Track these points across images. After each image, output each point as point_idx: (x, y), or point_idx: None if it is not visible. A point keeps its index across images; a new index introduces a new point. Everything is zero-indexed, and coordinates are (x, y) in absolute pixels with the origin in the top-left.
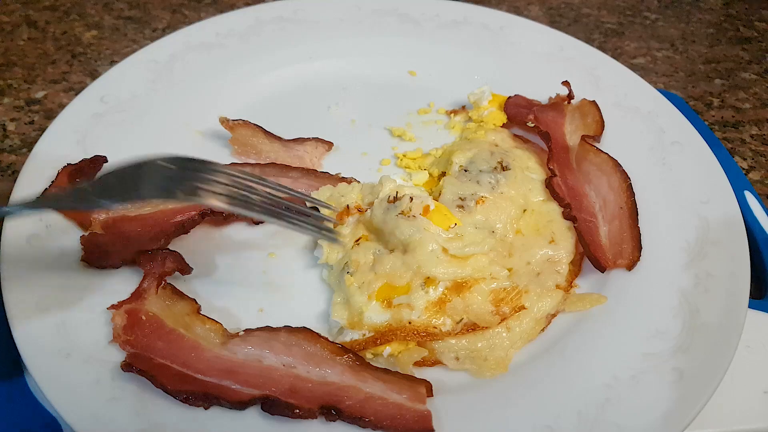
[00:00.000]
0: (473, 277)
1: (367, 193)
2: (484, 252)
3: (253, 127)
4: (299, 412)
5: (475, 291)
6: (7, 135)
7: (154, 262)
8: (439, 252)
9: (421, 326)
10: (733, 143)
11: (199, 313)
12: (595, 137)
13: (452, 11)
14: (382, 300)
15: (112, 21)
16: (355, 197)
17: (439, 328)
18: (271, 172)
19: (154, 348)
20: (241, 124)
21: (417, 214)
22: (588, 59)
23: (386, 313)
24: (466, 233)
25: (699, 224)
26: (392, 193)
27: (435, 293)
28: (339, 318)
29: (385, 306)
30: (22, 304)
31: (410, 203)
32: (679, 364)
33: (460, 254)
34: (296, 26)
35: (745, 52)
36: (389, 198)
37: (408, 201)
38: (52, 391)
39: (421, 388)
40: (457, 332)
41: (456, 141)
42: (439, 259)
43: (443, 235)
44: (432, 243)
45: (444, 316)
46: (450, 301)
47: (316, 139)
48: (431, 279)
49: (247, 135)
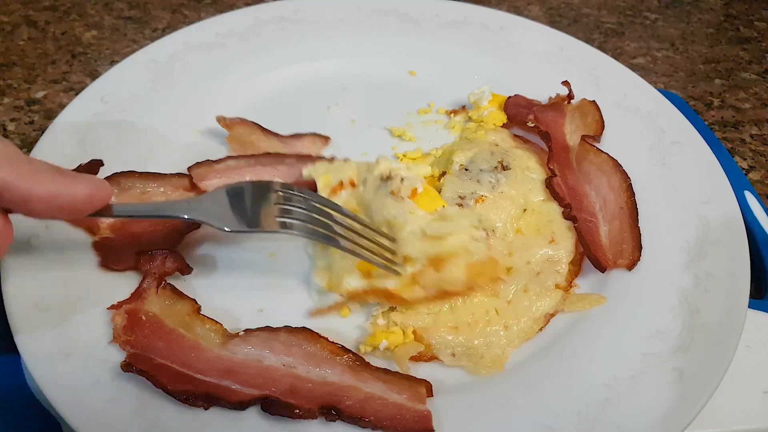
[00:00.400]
0: (448, 253)
1: (362, 171)
2: (464, 231)
3: (251, 125)
4: (299, 413)
5: (451, 264)
6: (7, 135)
7: (154, 262)
8: (419, 234)
9: (395, 292)
10: (733, 143)
11: (199, 313)
12: (595, 137)
13: (452, 11)
14: (362, 270)
15: (112, 21)
16: (350, 174)
17: (411, 296)
18: (266, 161)
19: (154, 348)
20: (238, 122)
21: (405, 196)
22: (588, 59)
23: (364, 281)
24: (449, 214)
25: (699, 224)
26: (385, 172)
27: (412, 269)
28: (319, 280)
29: (365, 275)
30: (22, 304)
31: (400, 184)
32: (679, 364)
33: (439, 234)
34: (296, 26)
35: (745, 52)
36: (382, 176)
37: (399, 182)
38: (52, 391)
39: (421, 388)
40: (429, 299)
41: (456, 141)
42: (418, 240)
43: (426, 218)
44: (413, 225)
45: (418, 286)
46: (426, 273)
47: (314, 134)
48: (409, 257)
49: (245, 133)
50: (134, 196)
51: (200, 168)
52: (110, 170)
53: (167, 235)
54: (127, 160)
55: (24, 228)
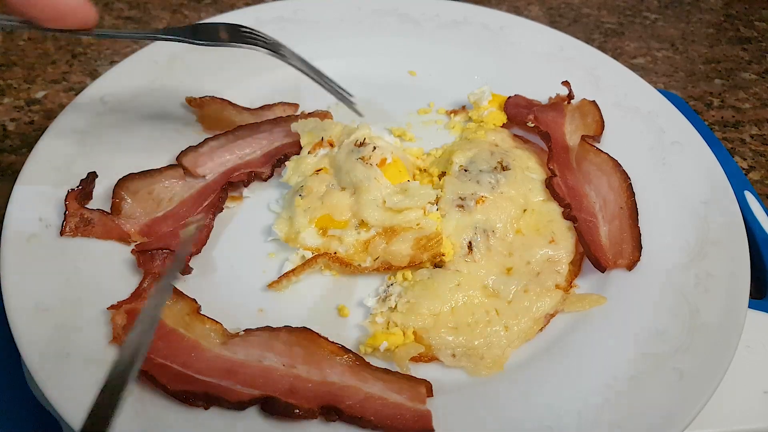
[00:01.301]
0: (401, 226)
1: (345, 134)
2: (419, 207)
3: (221, 101)
4: (299, 413)
5: (401, 237)
6: (7, 135)
7: (154, 262)
8: (380, 201)
9: (345, 258)
10: (733, 143)
11: (199, 312)
12: (595, 137)
13: (452, 11)
14: (319, 227)
15: (112, 21)
16: (332, 133)
17: (359, 264)
18: (244, 134)
19: (154, 348)
20: (208, 100)
21: (374, 164)
22: (588, 59)
23: (319, 239)
24: (411, 189)
25: (699, 224)
26: (360, 138)
27: (366, 235)
28: (278, 230)
29: (321, 233)
30: (22, 304)
31: (372, 152)
32: (679, 364)
33: (395, 207)
34: (296, 26)
35: (745, 52)
36: (356, 142)
37: (371, 149)
38: (52, 391)
39: (421, 387)
40: (374, 269)
41: (456, 141)
42: (377, 208)
43: (389, 189)
44: (376, 192)
45: (367, 254)
46: (375, 242)
47: (282, 102)
48: (365, 223)
49: (217, 110)
50: (145, 199)
51: (187, 156)
52: (111, 170)
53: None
54: (126, 159)
55: (24, 228)
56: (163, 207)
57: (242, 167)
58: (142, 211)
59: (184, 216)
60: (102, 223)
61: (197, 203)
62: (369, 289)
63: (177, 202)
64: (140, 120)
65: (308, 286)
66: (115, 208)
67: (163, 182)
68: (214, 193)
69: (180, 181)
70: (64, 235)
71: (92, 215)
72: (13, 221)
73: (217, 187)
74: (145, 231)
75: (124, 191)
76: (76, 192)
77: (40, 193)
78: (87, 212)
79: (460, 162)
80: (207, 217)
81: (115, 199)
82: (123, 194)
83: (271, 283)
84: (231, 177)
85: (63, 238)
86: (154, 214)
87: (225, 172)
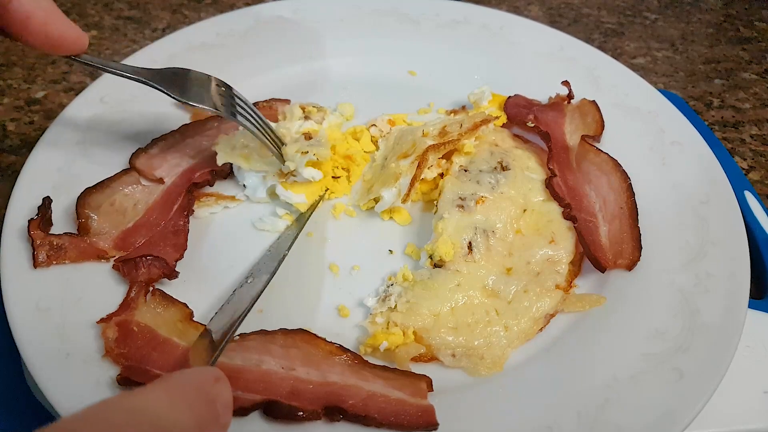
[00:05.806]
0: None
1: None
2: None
3: None
4: (303, 415)
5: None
6: (7, 135)
7: (138, 269)
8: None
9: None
10: (733, 143)
11: (192, 319)
12: (595, 137)
13: (452, 11)
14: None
15: (112, 21)
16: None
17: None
18: (192, 133)
19: (149, 359)
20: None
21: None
22: (588, 59)
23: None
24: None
25: (699, 224)
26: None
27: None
28: (218, 149)
29: (279, 176)
30: (22, 304)
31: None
32: (679, 364)
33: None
34: (296, 26)
35: (745, 52)
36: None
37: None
38: (52, 391)
39: (421, 383)
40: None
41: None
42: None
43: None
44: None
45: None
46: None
47: (273, 99)
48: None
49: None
50: (109, 212)
51: (139, 158)
52: (111, 169)
53: (173, 230)
54: (126, 160)
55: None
56: (130, 217)
57: (200, 167)
58: (110, 224)
59: (156, 223)
60: (74, 246)
61: (166, 208)
62: (369, 289)
63: (143, 211)
64: (140, 120)
65: (308, 286)
66: (83, 228)
67: (122, 190)
68: (180, 196)
69: (138, 186)
70: (38, 267)
71: (61, 240)
72: (13, 221)
73: (181, 190)
74: (119, 245)
75: (86, 209)
76: (37, 220)
77: (40, 193)
78: (55, 238)
79: (460, 162)
80: (180, 221)
81: (81, 219)
82: (86, 212)
83: (403, 197)
84: (194, 178)
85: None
86: (124, 226)
87: (183, 174)
